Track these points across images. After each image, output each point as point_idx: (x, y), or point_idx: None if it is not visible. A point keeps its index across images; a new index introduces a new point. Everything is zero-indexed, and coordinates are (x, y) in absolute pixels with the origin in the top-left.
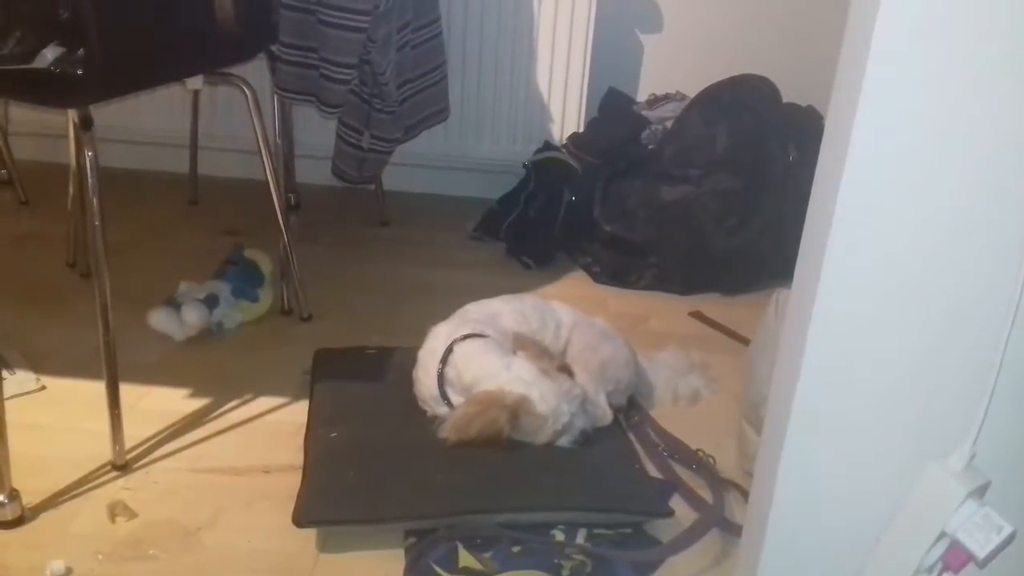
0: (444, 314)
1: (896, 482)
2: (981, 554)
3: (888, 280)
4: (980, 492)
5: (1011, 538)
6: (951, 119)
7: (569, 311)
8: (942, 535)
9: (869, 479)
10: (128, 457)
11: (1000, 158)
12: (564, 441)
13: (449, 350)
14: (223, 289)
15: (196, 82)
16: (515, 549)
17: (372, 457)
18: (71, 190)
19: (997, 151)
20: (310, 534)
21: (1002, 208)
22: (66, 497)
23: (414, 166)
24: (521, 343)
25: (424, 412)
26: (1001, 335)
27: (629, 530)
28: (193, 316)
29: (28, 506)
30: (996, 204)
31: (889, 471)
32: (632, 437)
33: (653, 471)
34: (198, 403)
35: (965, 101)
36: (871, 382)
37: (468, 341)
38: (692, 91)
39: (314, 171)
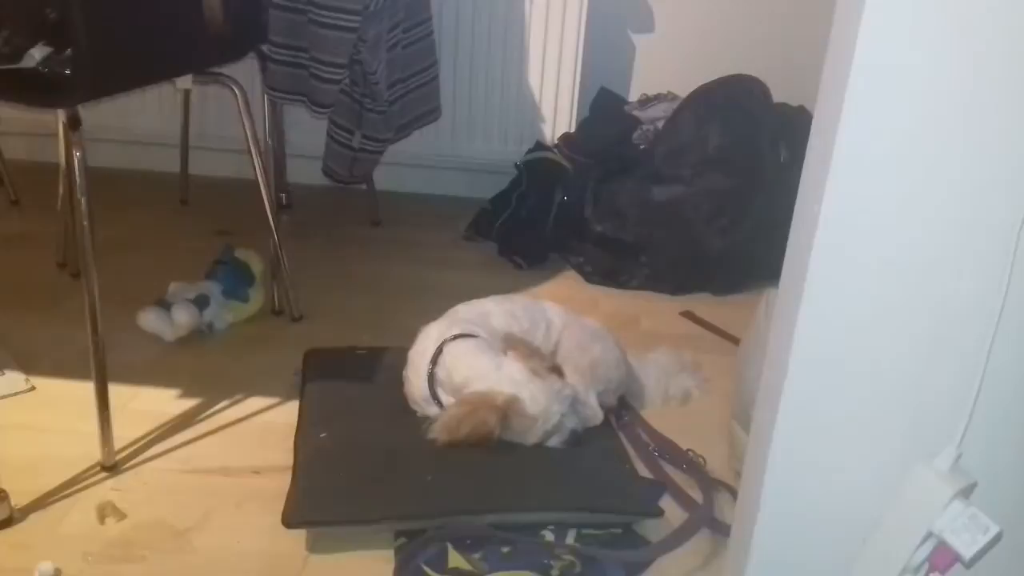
0: (435, 314)
1: (883, 483)
2: (967, 554)
3: (874, 281)
4: (966, 492)
5: (997, 538)
6: (937, 119)
7: (560, 311)
8: (929, 535)
9: (856, 480)
10: (118, 458)
11: (988, 158)
12: (554, 441)
13: (439, 350)
14: (213, 289)
15: (186, 82)
16: (505, 550)
17: (362, 458)
18: (61, 190)
19: (985, 151)
20: (300, 535)
21: (989, 209)
22: (55, 498)
23: (406, 166)
24: (511, 343)
25: (414, 413)
26: (987, 336)
27: (619, 530)
28: (183, 316)
29: (17, 507)
30: (983, 205)
31: (876, 472)
32: (622, 437)
33: (643, 471)
34: (188, 404)
35: (951, 101)
36: (858, 383)
37: (458, 341)
38: (683, 91)
39: (305, 171)
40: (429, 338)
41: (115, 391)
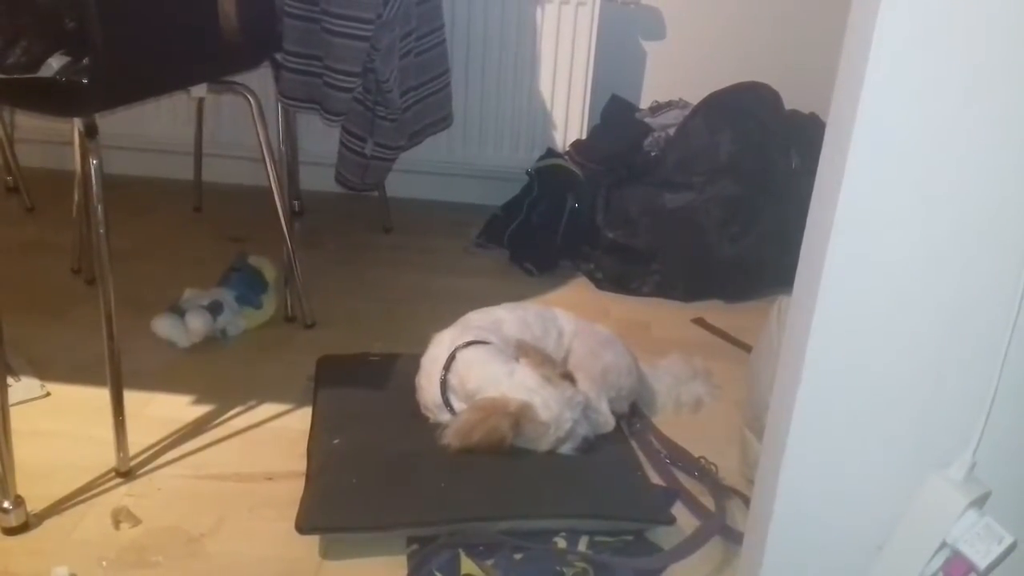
0: (447, 321)
1: (897, 492)
2: (982, 564)
3: (888, 288)
4: (981, 502)
5: (1012, 548)
6: (950, 126)
7: (571, 318)
8: (943, 545)
9: (870, 489)
10: (132, 464)
11: (999, 165)
12: (566, 448)
13: (452, 357)
14: (227, 296)
15: (200, 90)
16: (517, 556)
17: (375, 464)
18: (76, 197)
19: (996, 158)
20: (313, 541)
21: (1002, 216)
22: (70, 504)
23: (418, 173)
24: (523, 350)
25: (427, 419)
26: (1001, 343)
27: (631, 537)
28: (197, 323)
29: (32, 513)
30: (996, 212)
31: (890, 481)
32: (634, 444)
33: (655, 478)
34: (202, 410)
35: (964, 108)
36: (871, 391)
37: (471, 348)
38: (695, 98)
39: (318, 178)
40: (442, 345)
41: (130, 397)
